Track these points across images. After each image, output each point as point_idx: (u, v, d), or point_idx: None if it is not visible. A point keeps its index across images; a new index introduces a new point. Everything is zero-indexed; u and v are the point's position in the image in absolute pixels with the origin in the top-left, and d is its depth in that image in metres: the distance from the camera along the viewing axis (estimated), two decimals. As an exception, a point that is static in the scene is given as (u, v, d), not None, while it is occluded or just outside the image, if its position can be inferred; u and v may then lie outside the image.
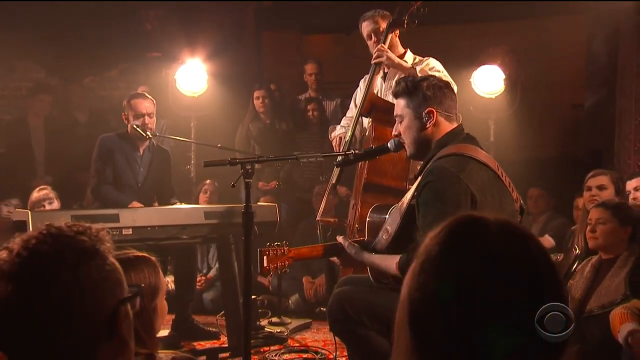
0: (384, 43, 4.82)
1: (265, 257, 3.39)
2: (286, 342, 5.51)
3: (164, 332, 5.45)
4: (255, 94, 7.29)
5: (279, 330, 5.69)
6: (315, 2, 9.57)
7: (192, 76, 7.38)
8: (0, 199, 6.58)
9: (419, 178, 3.30)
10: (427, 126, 3.31)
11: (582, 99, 8.63)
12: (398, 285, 3.18)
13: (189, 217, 5.17)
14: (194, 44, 7.62)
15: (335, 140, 5.10)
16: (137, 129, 5.44)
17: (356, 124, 4.82)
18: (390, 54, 4.76)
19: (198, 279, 6.33)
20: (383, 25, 4.94)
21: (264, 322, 5.86)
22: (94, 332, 1.34)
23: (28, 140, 7.37)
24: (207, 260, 6.69)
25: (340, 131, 5.13)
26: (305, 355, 5.21)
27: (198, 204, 6.63)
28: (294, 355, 5.25)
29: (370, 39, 5.01)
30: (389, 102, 4.75)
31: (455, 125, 3.40)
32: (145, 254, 2.40)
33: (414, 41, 5.44)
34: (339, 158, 4.31)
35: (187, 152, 7.35)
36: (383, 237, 3.45)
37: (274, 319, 5.94)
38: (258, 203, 6.81)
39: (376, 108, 4.71)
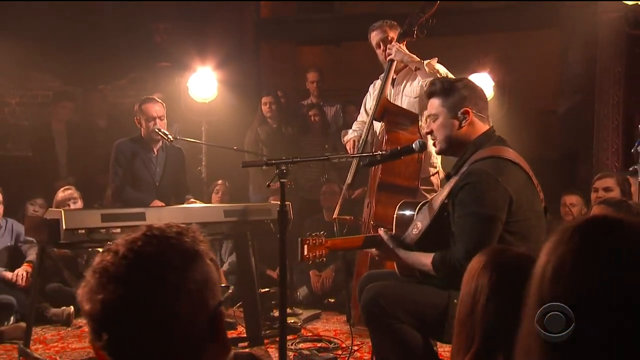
0: None
1: (305, 246, 3.34)
2: (299, 332, 5.52)
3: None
4: (263, 100, 7.30)
5: (292, 321, 5.66)
6: (309, 16, 9.67)
7: (203, 84, 7.36)
8: (26, 199, 6.56)
9: (455, 178, 3.23)
10: (463, 125, 3.26)
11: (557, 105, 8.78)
12: (425, 280, 3.21)
13: (210, 215, 5.15)
14: (204, 53, 7.60)
15: (349, 143, 5.07)
16: (160, 132, 5.41)
17: (370, 128, 4.82)
18: (399, 46, 4.75)
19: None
20: (391, 34, 4.95)
21: (277, 313, 5.84)
22: (199, 334, 1.30)
23: (52, 144, 7.35)
24: (219, 255, 6.65)
25: (353, 135, 5.12)
26: (319, 345, 5.18)
27: (210, 203, 6.58)
28: (308, 344, 5.22)
29: (379, 47, 5.01)
30: (400, 107, 4.79)
31: (487, 126, 3.35)
32: None
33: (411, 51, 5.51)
34: (367, 159, 4.24)
35: (199, 154, 7.31)
36: (413, 232, 3.38)
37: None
38: (270, 201, 6.87)
39: (388, 112, 4.71)
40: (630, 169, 5.28)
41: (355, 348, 4.84)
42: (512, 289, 1.83)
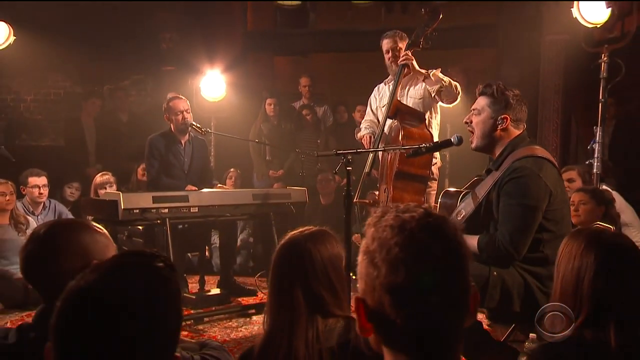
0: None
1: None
2: None
3: (215, 291, 5.38)
4: (268, 101, 7.23)
5: None
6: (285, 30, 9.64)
7: (213, 85, 7.27)
8: (63, 183, 6.37)
9: (496, 172, 3.22)
10: (498, 128, 3.24)
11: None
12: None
13: (241, 198, 5.11)
14: (213, 59, 7.50)
15: (364, 138, 4.99)
16: (193, 126, 5.33)
17: (384, 125, 4.75)
18: (409, 55, 4.70)
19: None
20: (400, 44, 4.88)
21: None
22: None
23: (82, 135, 7.16)
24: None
25: (366, 131, 5.04)
26: None
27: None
28: None
29: (388, 53, 4.94)
30: (409, 106, 4.75)
31: (521, 129, 3.30)
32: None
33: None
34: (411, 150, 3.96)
35: (208, 145, 7.25)
36: (457, 217, 3.34)
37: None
38: (274, 187, 6.83)
39: (400, 111, 4.65)
40: (587, 162, 5.46)
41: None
42: (617, 264, 1.92)
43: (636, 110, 7.24)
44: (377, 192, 5.20)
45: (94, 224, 2.06)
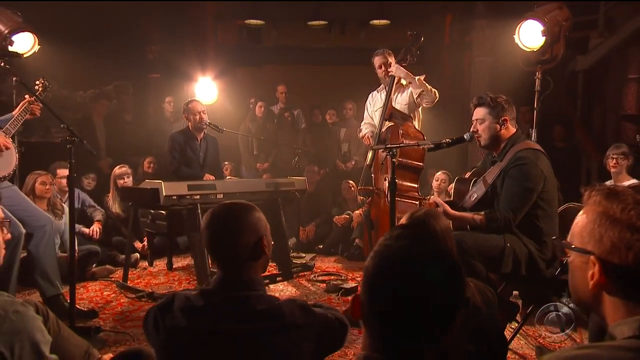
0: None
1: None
2: (313, 269, 5.53)
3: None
4: (259, 104, 7.23)
5: (302, 262, 5.69)
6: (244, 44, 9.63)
7: (206, 90, 7.20)
8: (80, 174, 6.15)
9: (501, 162, 3.35)
10: (501, 129, 3.38)
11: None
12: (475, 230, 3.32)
13: (257, 186, 5.14)
14: (205, 68, 7.42)
15: (365, 137, 5.09)
16: (211, 125, 5.31)
17: (381, 125, 4.85)
18: (399, 67, 4.83)
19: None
20: (389, 59, 4.99)
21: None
22: None
23: (94, 132, 6.84)
24: None
25: (367, 131, 5.13)
26: (331, 277, 5.18)
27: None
28: (325, 277, 5.22)
29: (380, 68, 5.04)
30: (400, 110, 4.88)
31: (516, 127, 3.44)
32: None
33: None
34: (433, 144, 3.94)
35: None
36: (471, 199, 3.46)
37: (293, 254, 5.85)
38: (263, 177, 6.84)
39: (394, 114, 4.81)
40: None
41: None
42: None
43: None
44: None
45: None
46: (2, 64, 3.60)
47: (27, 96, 3.92)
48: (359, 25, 9.56)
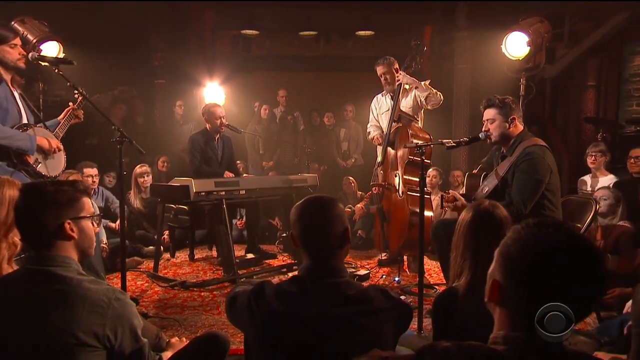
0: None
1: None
2: None
3: (250, 255, 5.36)
4: (264, 106, 7.20)
5: None
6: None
7: (214, 94, 7.12)
8: (103, 173, 6.03)
9: (511, 157, 3.40)
10: (510, 127, 3.44)
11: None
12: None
13: (274, 183, 5.17)
14: (209, 74, 7.35)
15: (375, 138, 5.07)
16: (229, 127, 5.28)
17: (390, 127, 4.86)
18: (404, 74, 4.82)
19: (239, 222, 6.20)
20: (392, 67, 4.95)
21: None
22: None
23: (112, 135, 6.67)
24: (238, 211, 6.32)
25: (375, 133, 5.10)
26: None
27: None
28: None
29: (382, 76, 5.02)
30: (407, 112, 4.90)
31: (523, 125, 3.51)
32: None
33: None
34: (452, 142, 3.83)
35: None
36: (483, 191, 3.50)
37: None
38: (269, 175, 6.81)
39: (402, 116, 4.84)
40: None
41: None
42: None
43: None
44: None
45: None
46: (57, 71, 3.48)
47: (70, 103, 3.83)
48: (345, 36, 9.61)
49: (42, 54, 4.78)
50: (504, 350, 1.22)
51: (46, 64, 3.45)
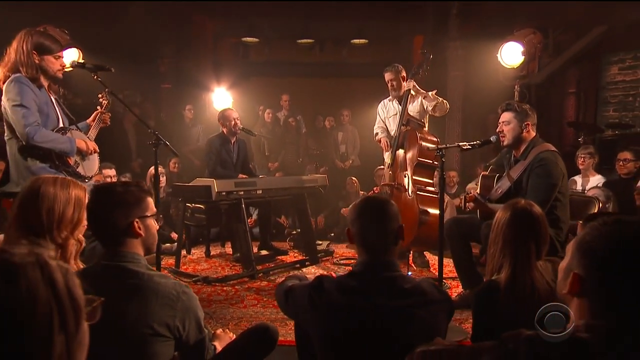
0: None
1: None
2: (333, 254, 5.50)
3: (264, 252, 5.34)
4: (267, 111, 7.18)
5: (324, 248, 5.63)
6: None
7: (222, 98, 7.09)
8: (118, 174, 5.95)
9: (524, 161, 3.43)
10: (524, 132, 3.48)
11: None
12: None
13: (288, 183, 5.13)
14: (218, 79, 7.31)
15: (382, 140, 5.05)
16: (244, 129, 5.26)
17: (399, 130, 4.84)
18: (416, 86, 4.84)
19: (249, 221, 6.14)
20: (400, 74, 4.94)
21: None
22: None
23: (126, 137, 6.64)
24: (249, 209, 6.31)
25: (383, 135, 5.10)
26: (351, 262, 5.09)
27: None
28: (346, 261, 5.23)
29: (390, 82, 4.99)
30: (414, 117, 4.90)
31: (535, 132, 3.53)
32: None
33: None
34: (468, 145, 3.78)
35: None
36: (497, 192, 3.54)
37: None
38: (276, 176, 6.78)
39: (410, 120, 4.84)
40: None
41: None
42: None
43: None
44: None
45: None
46: (95, 77, 3.44)
47: (98, 107, 3.76)
48: (339, 44, 9.64)
49: (80, 61, 4.73)
50: (587, 337, 1.25)
51: (85, 70, 3.37)
